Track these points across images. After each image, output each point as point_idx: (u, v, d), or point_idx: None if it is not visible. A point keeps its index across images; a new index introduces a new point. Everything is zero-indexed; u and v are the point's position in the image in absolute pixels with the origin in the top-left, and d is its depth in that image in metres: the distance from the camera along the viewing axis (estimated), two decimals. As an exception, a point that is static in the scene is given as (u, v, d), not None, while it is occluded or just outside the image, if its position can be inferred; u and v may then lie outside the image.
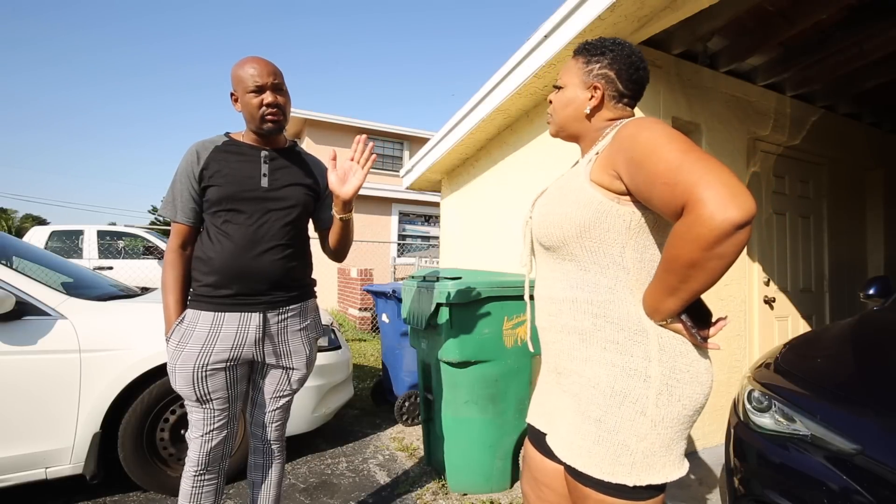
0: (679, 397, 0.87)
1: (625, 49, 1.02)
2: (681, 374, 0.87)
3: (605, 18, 2.17)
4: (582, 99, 1.03)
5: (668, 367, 0.87)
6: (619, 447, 0.87)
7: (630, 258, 0.90)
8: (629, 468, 0.86)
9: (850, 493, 1.25)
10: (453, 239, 4.59)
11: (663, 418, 0.86)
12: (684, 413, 0.88)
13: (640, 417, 0.86)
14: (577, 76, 1.04)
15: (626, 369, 0.88)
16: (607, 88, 1.01)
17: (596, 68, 1.02)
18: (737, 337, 3.01)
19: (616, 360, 0.89)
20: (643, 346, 0.88)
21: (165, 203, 1.44)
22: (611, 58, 1.01)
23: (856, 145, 3.87)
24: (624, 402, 0.87)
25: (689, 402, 0.88)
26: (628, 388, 0.87)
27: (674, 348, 0.88)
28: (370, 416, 3.45)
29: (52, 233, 6.92)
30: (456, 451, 2.26)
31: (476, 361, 2.19)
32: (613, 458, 0.87)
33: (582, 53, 1.05)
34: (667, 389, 0.86)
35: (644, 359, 0.87)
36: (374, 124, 12.24)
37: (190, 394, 1.38)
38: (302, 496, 2.24)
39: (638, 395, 0.87)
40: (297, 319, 1.54)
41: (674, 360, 0.87)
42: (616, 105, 1.03)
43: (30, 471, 1.91)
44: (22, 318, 1.92)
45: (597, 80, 1.01)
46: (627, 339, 0.88)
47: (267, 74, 1.38)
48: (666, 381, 0.87)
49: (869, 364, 1.65)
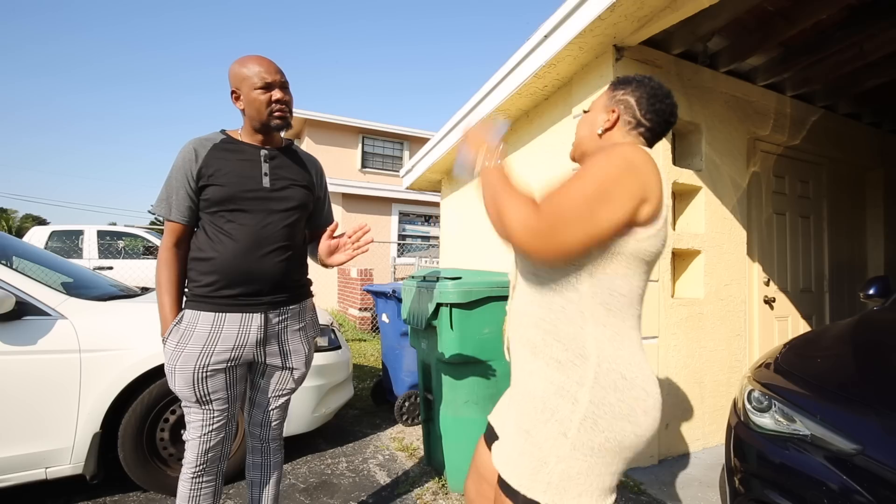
0: (603, 429, 0.87)
1: (652, 82, 1.06)
2: (609, 408, 0.87)
3: (605, 18, 2.17)
4: (600, 120, 1.08)
5: (598, 396, 0.88)
6: (539, 463, 0.89)
7: (585, 282, 0.91)
8: (545, 486, 0.88)
9: (850, 493, 1.25)
10: (453, 239, 4.59)
11: (583, 444, 0.87)
12: (608, 447, 0.87)
13: (562, 438, 0.88)
14: (603, 101, 1.10)
15: (560, 388, 0.90)
16: (624, 113, 1.05)
17: (619, 94, 1.07)
18: (737, 337, 3.01)
19: (554, 377, 0.91)
20: (580, 371, 0.89)
21: (159, 201, 1.42)
22: (634, 86, 1.06)
23: (856, 145, 3.87)
24: (550, 420, 0.90)
25: (614, 437, 0.87)
26: (556, 407, 0.89)
27: (610, 381, 0.89)
28: (370, 416, 3.45)
29: (52, 233, 6.92)
30: (456, 451, 2.25)
31: (476, 361, 2.19)
32: (533, 472, 0.89)
33: (613, 84, 1.11)
34: (591, 417, 0.87)
35: (577, 383, 0.89)
36: (374, 124, 12.23)
37: (189, 395, 1.37)
38: (302, 496, 2.24)
39: (563, 415, 0.89)
40: (297, 319, 1.54)
41: (605, 392, 0.88)
42: (630, 132, 1.05)
43: (30, 471, 1.91)
44: (22, 318, 1.91)
45: (617, 104, 1.06)
46: (569, 360, 0.91)
47: (275, 72, 1.40)
48: (593, 410, 0.87)
49: (869, 364, 1.65)
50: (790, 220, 3.49)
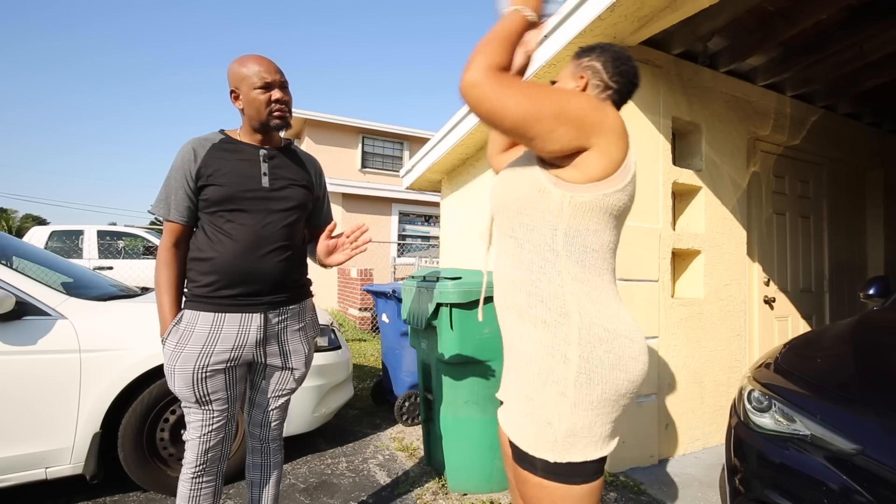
0: (598, 382, 0.91)
1: (613, 47, 1.12)
2: (599, 361, 0.91)
3: (605, 18, 2.17)
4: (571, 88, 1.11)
5: (586, 351, 0.91)
6: (543, 424, 0.92)
7: (560, 241, 0.95)
8: (552, 445, 0.91)
9: (850, 493, 1.25)
10: (453, 239, 4.59)
11: (582, 401, 0.91)
12: (605, 397, 0.92)
13: (562, 398, 0.91)
14: (570, 69, 1.14)
15: (550, 349, 0.93)
16: (593, 77, 1.10)
17: (585, 61, 1.12)
18: (737, 337, 3.01)
19: (543, 338, 0.94)
20: (565, 329, 0.93)
21: (158, 201, 1.42)
22: (598, 52, 1.12)
23: (856, 145, 3.86)
24: (547, 382, 0.93)
25: (610, 387, 0.92)
26: (551, 368, 0.92)
27: (594, 335, 0.92)
28: (370, 416, 3.45)
29: (52, 233, 6.92)
30: (456, 451, 2.26)
31: (476, 361, 2.19)
32: (539, 433, 0.92)
33: (576, 54, 1.16)
34: (585, 373, 0.91)
35: (564, 341, 0.92)
36: (374, 124, 12.24)
37: (189, 395, 1.37)
38: (302, 496, 2.24)
39: (559, 376, 0.92)
40: (296, 319, 1.54)
41: (592, 346, 0.92)
42: (600, 95, 1.11)
43: (30, 471, 1.91)
44: (22, 318, 1.92)
45: (584, 70, 1.11)
46: (553, 319, 0.94)
47: (275, 72, 1.41)
48: (584, 365, 0.91)
49: (869, 364, 1.65)
50: (790, 220, 3.49)
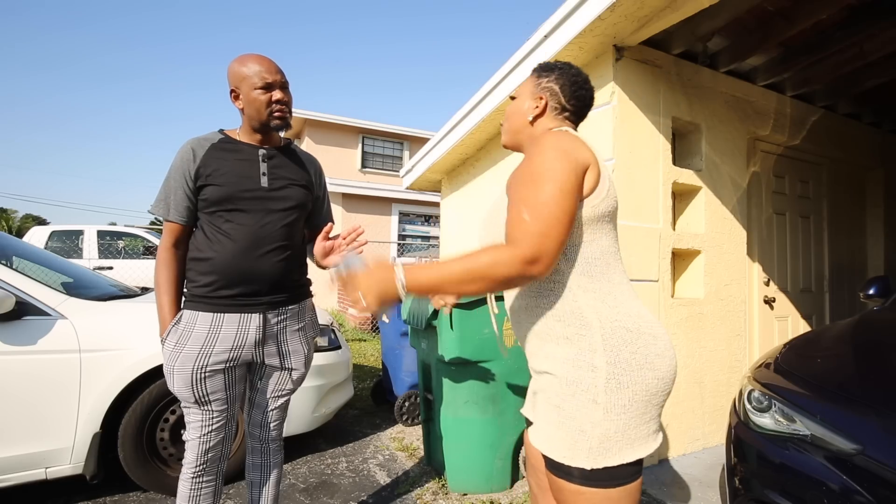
0: (628, 384, 0.92)
1: (572, 70, 1.14)
2: (626, 364, 0.92)
3: (605, 18, 2.17)
4: (529, 108, 1.14)
5: (612, 356, 0.92)
6: (576, 433, 0.92)
7: (561, 259, 0.97)
8: (587, 452, 0.91)
9: (850, 493, 1.25)
10: (453, 239, 4.59)
11: (614, 405, 0.91)
12: (637, 399, 0.93)
13: (593, 405, 0.92)
14: (529, 88, 1.16)
15: (576, 361, 0.94)
16: (551, 100, 1.12)
17: (544, 82, 1.14)
18: (737, 337, 3.01)
19: (568, 353, 0.96)
20: (588, 339, 0.94)
21: (157, 201, 1.42)
22: (557, 74, 1.13)
23: (856, 145, 3.86)
24: (577, 392, 0.93)
25: (641, 388, 0.93)
26: (579, 378, 0.93)
27: (618, 338, 0.94)
28: (370, 416, 3.45)
29: (52, 233, 6.92)
30: (456, 451, 2.26)
31: (476, 361, 2.19)
32: (572, 442, 0.93)
33: (536, 71, 1.18)
34: (615, 378, 0.92)
35: (589, 350, 0.93)
36: (374, 124, 12.23)
37: (188, 395, 1.37)
38: (302, 496, 2.24)
39: (588, 384, 0.92)
40: (296, 319, 1.54)
41: (618, 350, 0.93)
42: (557, 117, 1.13)
43: (30, 471, 1.91)
44: (22, 318, 1.92)
45: (543, 91, 1.13)
46: (574, 333, 0.95)
47: (276, 72, 1.41)
48: (612, 370, 0.92)
49: (869, 364, 1.65)
50: (790, 220, 3.48)
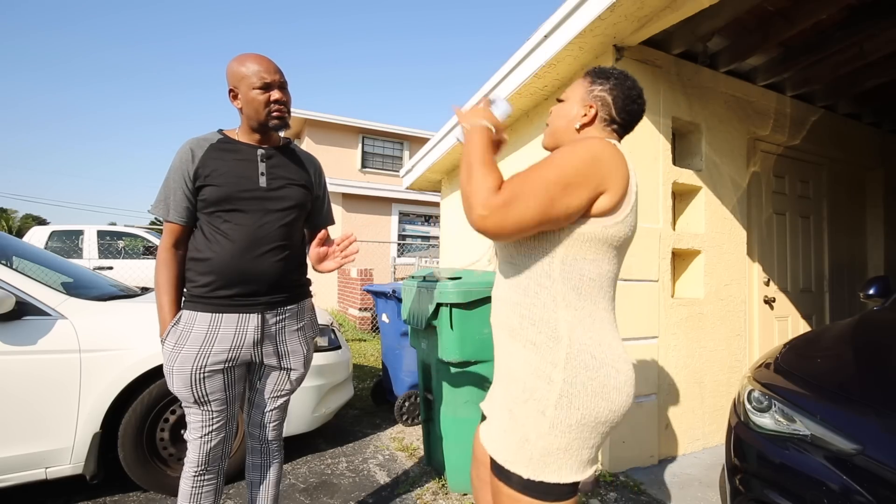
0: (578, 407, 0.93)
1: (627, 81, 1.11)
2: (582, 387, 0.93)
3: (605, 18, 2.17)
4: (577, 114, 1.11)
5: (570, 375, 0.93)
6: (521, 440, 0.94)
7: (557, 268, 0.97)
8: (527, 461, 0.93)
9: (850, 493, 1.25)
10: (453, 239, 4.59)
11: (561, 422, 0.92)
12: (584, 422, 0.93)
13: (541, 417, 0.93)
14: (579, 93, 1.13)
15: (537, 369, 0.95)
16: (601, 110, 1.10)
17: (597, 90, 1.11)
18: (737, 337, 3.01)
19: (531, 358, 0.97)
20: (553, 352, 0.95)
21: (157, 202, 1.42)
22: (612, 84, 1.10)
23: (856, 145, 3.86)
24: (530, 399, 0.95)
25: (590, 414, 0.93)
26: (535, 387, 0.94)
27: (580, 361, 0.94)
28: (370, 416, 3.45)
29: (52, 233, 6.91)
30: (456, 451, 2.25)
31: (476, 361, 2.19)
32: (516, 448, 0.94)
33: (589, 75, 1.14)
34: (567, 396, 0.92)
35: (551, 363, 0.94)
36: (374, 124, 12.23)
37: (188, 396, 1.37)
38: (302, 496, 2.24)
39: (541, 395, 0.93)
40: (295, 319, 1.54)
41: (576, 372, 0.93)
42: (605, 128, 1.11)
43: (30, 471, 1.91)
44: (22, 318, 1.92)
45: (594, 100, 1.10)
46: (543, 342, 0.96)
47: (274, 72, 1.40)
48: (567, 389, 0.93)
49: (869, 364, 1.65)
50: (790, 220, 3.48)
